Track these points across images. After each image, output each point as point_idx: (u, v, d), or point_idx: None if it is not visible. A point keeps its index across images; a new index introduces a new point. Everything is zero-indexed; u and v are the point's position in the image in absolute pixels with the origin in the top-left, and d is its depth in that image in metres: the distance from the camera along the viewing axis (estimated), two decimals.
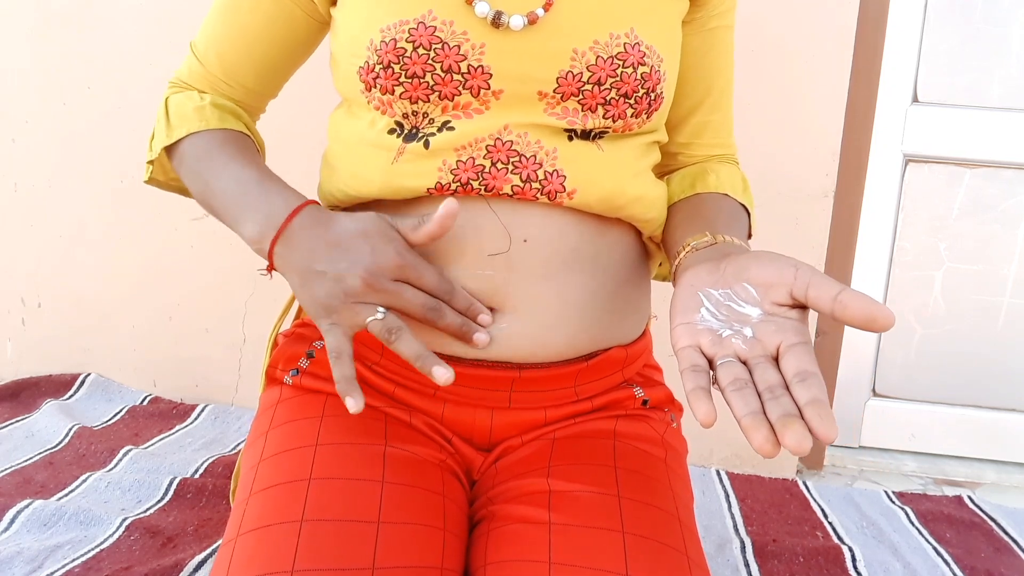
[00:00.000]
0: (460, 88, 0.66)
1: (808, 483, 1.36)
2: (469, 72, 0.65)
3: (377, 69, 0.66)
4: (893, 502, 1.30)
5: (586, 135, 0.69)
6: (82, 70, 1.47)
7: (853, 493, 1.33)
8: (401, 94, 0.66)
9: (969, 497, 1.31)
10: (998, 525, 1.21)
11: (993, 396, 1.54)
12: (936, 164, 1.48)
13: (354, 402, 0.62)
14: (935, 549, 1.13)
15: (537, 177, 0.67)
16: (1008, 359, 1.53)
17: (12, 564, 0.90)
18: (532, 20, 0.66)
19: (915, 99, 1.47)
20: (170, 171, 0.79)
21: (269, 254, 0.67)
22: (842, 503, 1.29)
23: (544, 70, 0.66)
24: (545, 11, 0.66)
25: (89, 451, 1.25)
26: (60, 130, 1.49)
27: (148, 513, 1.06)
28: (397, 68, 0.65)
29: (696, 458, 1.42)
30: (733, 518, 1.21)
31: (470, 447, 0.75)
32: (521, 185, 0.67)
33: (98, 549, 0.95)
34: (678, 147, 0.82)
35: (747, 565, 1.05)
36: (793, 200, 1.37)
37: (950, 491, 1.40)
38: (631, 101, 0.68)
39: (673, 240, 0.72)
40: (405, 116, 0.68)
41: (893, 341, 1.55)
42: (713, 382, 0.53)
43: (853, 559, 1.05)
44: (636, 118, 0.69)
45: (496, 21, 0.65)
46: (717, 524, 1.18)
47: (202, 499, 1.11)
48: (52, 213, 1.52)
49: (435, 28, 0.65)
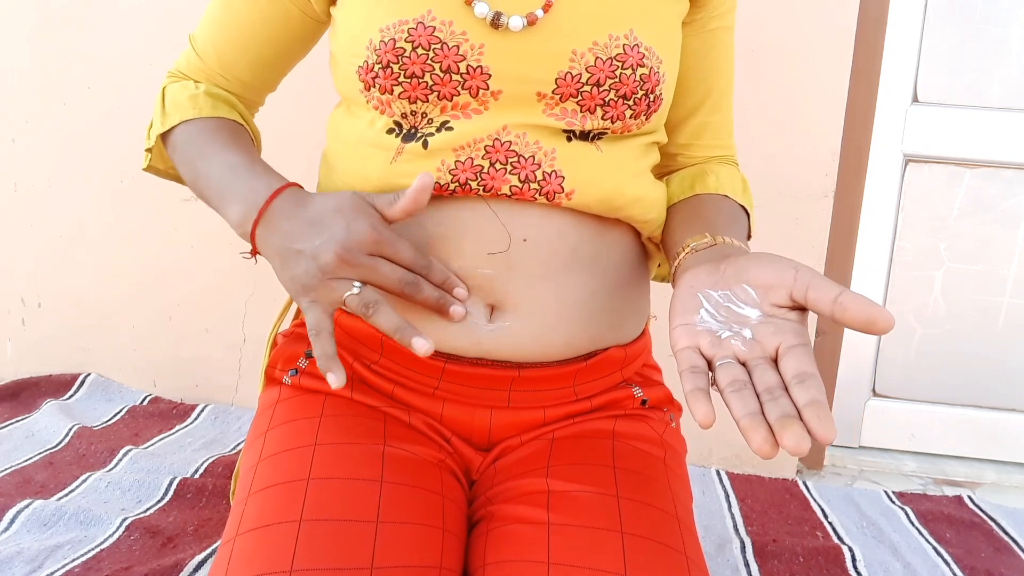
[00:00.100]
0: (459, 88, 0.66)
1: (808, 483, 1.36)
2: (468, 72, 0.65)
3: (376, 69, 0.66)
4: (893, 502, 1.30)
5: (585, 136, 0.69)
6: (82, 70, 1.47)
7: (853, 493, 1.33)
8: (400, 94, 0.66)
9: (969, 497, 1.31)
10: (998, 525, 1.21)
11: (993, 396, 1.54)
12: (936, 164, 1.48)
13: (335, 378, 0.62)
14: (935, 549, 1.13)
15: (535, 178, 0.67)
16: (1008, 359, 1.53)
17: (12, 564, 0.90)
18: (531, 21, 0.66)
19: (915, 99, 1.47)
20: (168, 159, 0.80)
21: (252, 237, 0.67)
22: (842, 503, 1.28)
23: (543, 71, 0.66)
24: (544, 12, 0.66)
25: (89, 451, 1.25)
26: (60, 130, 1.49)
27: (148, 513, 1.06)
28: (396, 68, 0.65)
29: (696, 458, 1.42)
30: (733, 518, 1.21)
31: (469, 447, 0.75)
32: (519, 185, 0.67)
33: (98, 549, 0.95)
34: (678, 148, 0.82)
35: (747, 565, 1.05)
36: (793, 200, 1.37)
37: (950, 491, 1.40)
38: (630, 102, 0.68)
39: (672, 241, 0.72)
40: (404, 116, 0.68)
41: (893, 341, 1.55)
42: (712, 383, 0.53)
43: (853, 559, 1.05)
44: (635, 119, 0.69)
45: (495, 22, 0.65)
46: (717, 524, 1.18)
47: (202, 499, 1.11)
48: (52, 213, 1.52)
49: (434, 28, 0.65)
